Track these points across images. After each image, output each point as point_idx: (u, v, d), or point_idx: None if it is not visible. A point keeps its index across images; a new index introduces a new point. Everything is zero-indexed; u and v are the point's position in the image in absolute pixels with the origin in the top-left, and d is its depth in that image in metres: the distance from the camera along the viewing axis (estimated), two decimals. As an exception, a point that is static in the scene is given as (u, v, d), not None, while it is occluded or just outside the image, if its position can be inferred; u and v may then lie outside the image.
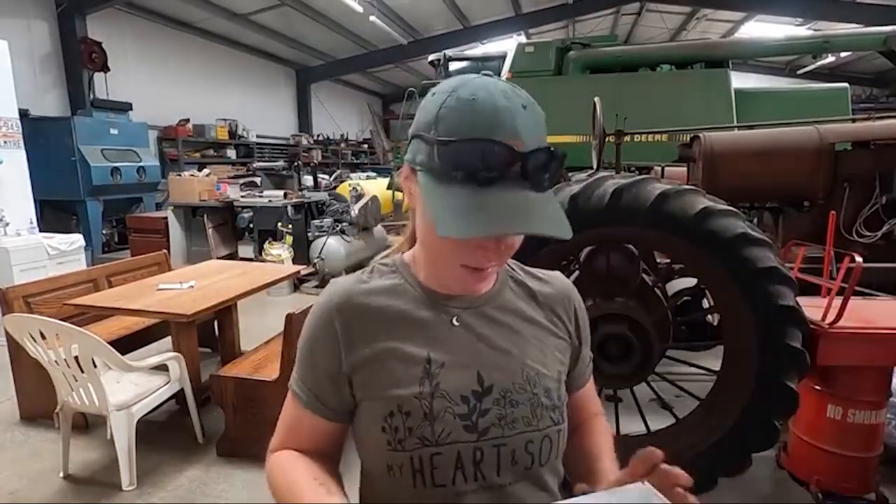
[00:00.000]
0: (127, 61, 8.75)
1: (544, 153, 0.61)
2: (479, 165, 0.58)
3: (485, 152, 0.58)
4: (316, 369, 0.72)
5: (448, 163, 0.59)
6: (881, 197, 2.75)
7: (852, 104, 5.96)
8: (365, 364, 0.70)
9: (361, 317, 0.71)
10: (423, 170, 0.63)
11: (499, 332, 0.73)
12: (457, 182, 0.59)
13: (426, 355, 0.69)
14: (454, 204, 0.58)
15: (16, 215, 4.65)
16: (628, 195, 1.90)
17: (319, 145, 14.31)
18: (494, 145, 0.58)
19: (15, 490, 2.38)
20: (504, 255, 0.65)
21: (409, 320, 0.71)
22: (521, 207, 0.58)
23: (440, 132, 0.60)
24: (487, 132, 0.58)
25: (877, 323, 1.94)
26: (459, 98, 0.60)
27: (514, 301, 0.77)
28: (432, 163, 0.61)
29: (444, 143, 0.59)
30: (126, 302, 2.70)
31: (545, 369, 0.74)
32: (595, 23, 12.99)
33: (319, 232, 6.03)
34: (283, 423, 0.76)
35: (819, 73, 13.83)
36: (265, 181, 7.84)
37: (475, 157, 0.58)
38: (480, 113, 0.59)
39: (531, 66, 6.09)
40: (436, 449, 0.66)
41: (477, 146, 0.58)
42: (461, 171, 0.58)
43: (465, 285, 0.68)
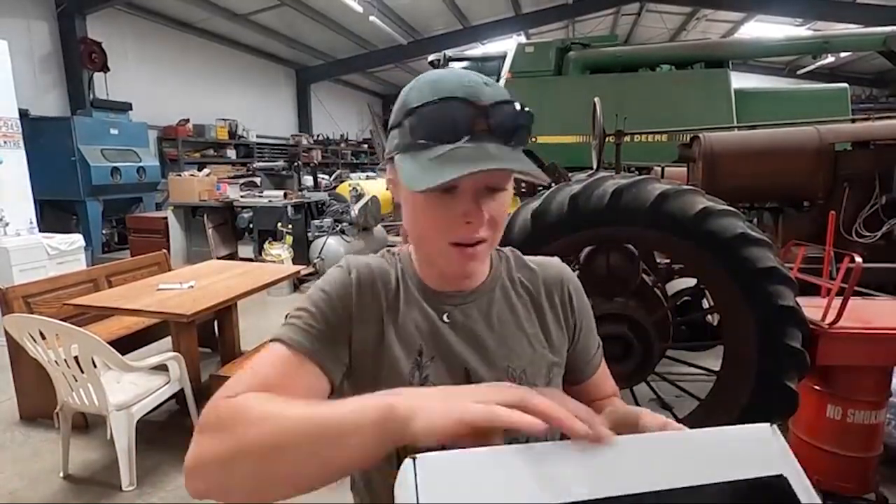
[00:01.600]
0: (127, 61, 8.74)
1: (509, 105, 0.62)
2: (445, 125, 0.60)
3: (447, 109, 0.60)
4: (328, 319, 0.69)
5: (417, 131, 0.61)
6: (881, 197, 2.76)
7: (852, 104, 5.96)
8: (367, 334, 0.71)
9: (371, 293, 0.72)
10: (398, 151, 0.64)
11: (487, 331, 0.74)
12: (428, 147, 0.60)
13: (419, 346, 0.71)
14: (426, 163, 0.60)
15: (16, 215, 4.65)
16: (628, 195, 1.90)
17: (319, 145, 14.31)
18: (456, 101, 0.60)
19: (15, 490, 2.38)
20: (491, 227, 0.65)
21: (408, 309, 0.73)
22: (491, 153, 0.59)
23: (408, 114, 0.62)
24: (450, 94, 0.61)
25: (876, 323, 1.94)
26: (424, 80, 0.65)
27: (505, 298, 0.78)
28: (405, 139, 0.63)
29: (410, 111, 0.62)
30: (126, 302, 2.70)
31: (532, 367, 0.75)
32: (595, 23, 13.00)
33: (319, 232, 6.03)
34: (260, 375, 0.63)
35: (819, 73, 13.83)
36: (265, 181, 7.83)
37: (440, 117, 0.60)
38: (444, 83, 0.62)
39: (531, 66, 6.09)
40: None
41: (440, 105, 0.60)
42: (429, 134, 0.60)
43: (458, 265, 0.67)
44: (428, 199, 0.63)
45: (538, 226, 1.99)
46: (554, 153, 5.77)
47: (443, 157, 0.59)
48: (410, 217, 0.68)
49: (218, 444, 0.52)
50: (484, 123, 0.60)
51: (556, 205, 1.98)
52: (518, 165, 0.60)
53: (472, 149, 0.59)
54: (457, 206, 0.63)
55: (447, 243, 0.65)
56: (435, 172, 0.58)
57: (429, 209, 0.64)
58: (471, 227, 0.63)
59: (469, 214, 0.62)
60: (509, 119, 0.62)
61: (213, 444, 0.53)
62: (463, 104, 0.60)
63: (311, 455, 0.49)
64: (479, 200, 0.63)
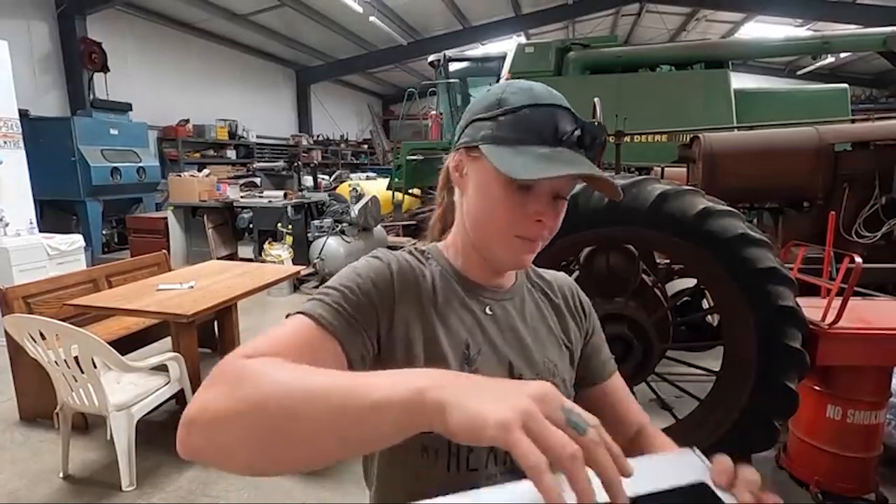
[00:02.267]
0: (127, 61, 8.74)
1: (598, 127, 0.71)
2: (549, 127, 0.65)
3: (554, 116, 0.66)
4: (360, 304, 0.66)
5: (518, 127, 0.65)
6: (881, 197, 2.76)
7: (852, 105, 5.97)
8: (409, 330, 0.69)
9: (414, 287, 0.72)
10: (487, 142, 0.67)
11: (524, 327, 0.78)
12: (526, 143, 0.65)
13: (465, 339, 0.72)
14: (528, 156, 0.63)
15: (16, 215, 4.65)
16: (628, 195, 1.90)
17: (319, 145, 14.31)
18: (562, 110, 0.67)
19: (15, 490, 2.38)
20: (551, 230, 0.70)
21: (448, 303, 0.74)
22: (584, 162, 0.65)
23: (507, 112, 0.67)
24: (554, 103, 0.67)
25: (876, 323, 1.95)
26: (518, 86, 0.69)
27: (532, 299, 0.82)
28: (500, 132, 0.66)
29: (514, 110, 0.66)
30: (126, 302, 2.70)
31: (561, 363, 0.79)
32: (595, 23, 13.00)
33: (319, 232, 6.02)
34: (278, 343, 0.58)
35: (819, 73, 13.83)
36: (265, 181, 7.84)
37: (545, 120, 0.65)
38: (541, 93, 0.68)
39: (531, 66, 6.10)
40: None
41: (548, 110, 0.66)
42: (532, 132, 0.65)
43: (518, 255, 0.70)
44: (507, 192, 0.66)
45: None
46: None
47: (546, 155, 0.63)
48: (481, 205, 0.70)
49: (227, 399, 0.47)
50: (577, 136, 0.66)
51: (556, 205, 1.98)
52: (607, 176, 0.67)
53: (571, 154, 0.65)
54: (531, 205, 0.67)
55: (512, 235, 0.68)
56: (541, 167, 0.62)
57: (506, 201, 0.67)
58: (540, 226, 0.68)
59: (542, 214, 0.67)
60: (598, 137, 0.69)
61: (221, 398, 0.48)
62: (568, 115, 0.67)
63: (329, 427, 0.44)
64: (555, 205, 0.68)
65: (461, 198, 0.75)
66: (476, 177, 0.70)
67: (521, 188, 0.66)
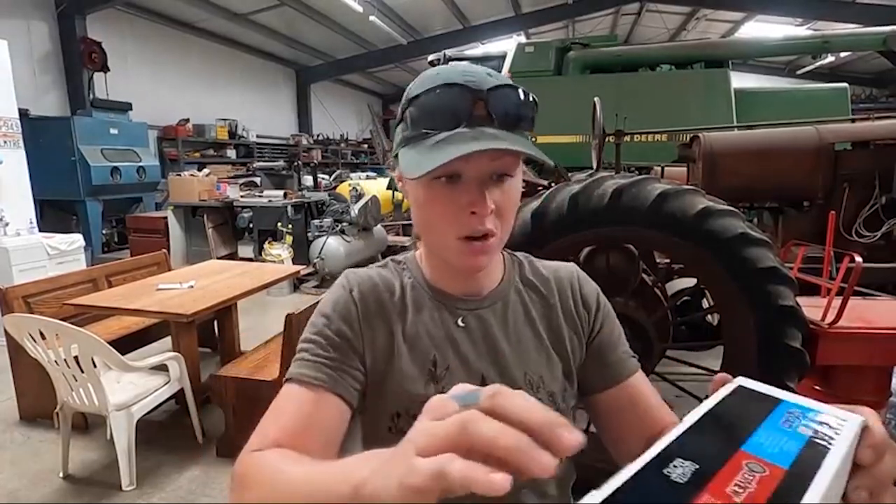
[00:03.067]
0: (127, 61, 8.74)
1: (510, 90, 0.60)
2: (444, 112, 0.59)
3: (446, 96, 0.59)
4: (335, 344, 0.67)
5: (418, 121, 0.60)
6: (881, 197, 2.76)
7: (852, 104, 5.96)
8: (377, 349, 0.69)
9: (377, 305, 0.70)
10: (402, 146, 0.63)
11: (502, 336, 0.72)
12: (428, 136, 0.59)
13: (432, 356, 0.69)
14: (424, 150, 0.59)
15: (15, 215, 4.64)
16: (628, 195, 1.90)
17: (319, 145, 14.30)
18: (455, 87, 0.59)
19: (15, 490, 2.38)
20: (498, 218, 0.63)
21: (417, 317, 0.70)
22: (489, 135, 0.58)
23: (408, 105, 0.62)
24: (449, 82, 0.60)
25: (876, 323, 1.94)
26: (426, 73, 0.64)
27: (521, 303, 0.75)
28: (408, 130, 0.62)
29: (410, 102, 0.61)
30: (126, 302, 2.69)
31: (549, 374, 0.72)
32: (595, 23, 12.99)
33: (319, 232, 6.02)
34: (280, 421, 0.61)
35: (819, 73, 13.82)
36: (265, 181, 7.84)
37: (439, 105, 0.59)
38: (445, 73, 0.61)
39: (531, 65, 6.09)
40: None
41: (440, 93, 0.59)
42: (429, 122, 0.59)
43: (468, 260, 0.64)
44: (432, 190, 0.61)
45: (538, 226, 1.99)
46: (554, 153, 5.75)
47: (441, 142, 0.57)
48: (417, 212, 0.66)
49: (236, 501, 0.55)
50: (484, 109, 0.59)
51: (555, 205, 1.98)
52: (520, 147, 0.58)
53: (472, 132, 0.58)
54: (461, 196, 0.60)
55: (455, 238, 0.63)
56: (433, 158, 0.56)
57: (433, 201, 0.62)
58: (476, 218, 0.60)
59: (474, 204, 0.60)
60: (511, 105, 0.60)
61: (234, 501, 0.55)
62: (461, 90, 0.59)
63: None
64: (484, 189, 0.60)
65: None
66: (408, 185, 0.66)
67: (448, 182, 0.60)
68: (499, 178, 0.61)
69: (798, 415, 0.38)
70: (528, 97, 0.62)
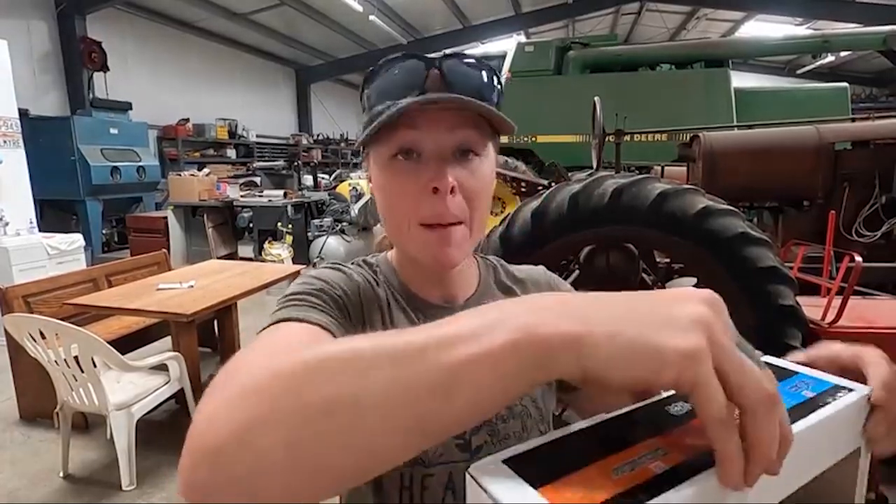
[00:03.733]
0: (126, 61, 8.74)
1: (466, 57, 0.57)
2: (396, 85, 0.55)
3: (397, 68, 0.56)
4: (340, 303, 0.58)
5: (380, 98, 0.56)
6: (881, 196, 2.76)
7: (852, 104, 5.97)
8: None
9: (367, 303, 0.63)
10: (364, 133, 0.58)
11: None
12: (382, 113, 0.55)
13: None
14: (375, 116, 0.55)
15: (15, 215, 4.64)
16: (628, 195, 1.90)
17: (319, 145, 14.30)
18: (405, 58, 0.56)
19: (15, 490, 2.38)
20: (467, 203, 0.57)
21: (400, 320, 0.64)
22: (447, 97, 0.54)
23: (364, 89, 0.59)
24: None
25: (876, 322, 1.94)
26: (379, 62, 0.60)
27: None
28: (366, 113, 0.58)
29: (367, 83, 0.58)
30: (126, 302, 2.69)
31: None
32: (595, 22, 12.99)
33: (319, 231, 6.03)
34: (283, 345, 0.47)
35: (819, 72, 13.82)
36: (265, 181, 7.84)
37: (391, 79, 0.56)
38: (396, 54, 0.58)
39: (531, 65, 6.10)
40: (427, 470, 0.59)
41: (389, 67, 0.56)
42: (385, 96, 0.55)
43: (433, 250, 0.57)
44: (390, 170, 0.57)
45: (538, 225, 1.99)
46: (554, 152, 5.77)
47: (391, 107, 0.53)
48: (378, 199, 0.61)
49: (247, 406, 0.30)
50: (439, 80, 0.55)
51: (556, 204, 1.98)
52: (474, 105, 0.53)
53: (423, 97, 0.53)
54: (422, 175, 0.55)
55: (416, 224, 0.57)
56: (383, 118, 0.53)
57: (391, 181, 0.57)
58: (438, 199, 0.54)
59: (433, 179, 0.54)
60: (470, 74, 0.56)
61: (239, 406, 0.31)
62: (412, 60, 0.55)
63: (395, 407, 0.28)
64: (446, 166, 0.55)
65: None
66: (372, 176, 0.62)
67: (406, 160, 0.55)
68: (462, 155, 0.56)
69: (809, 383, 0.39)
70: (491, 77, 0.57)
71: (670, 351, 0.26)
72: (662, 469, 0.28)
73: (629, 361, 0.27)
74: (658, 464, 0.28)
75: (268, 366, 0.32)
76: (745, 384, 0.27)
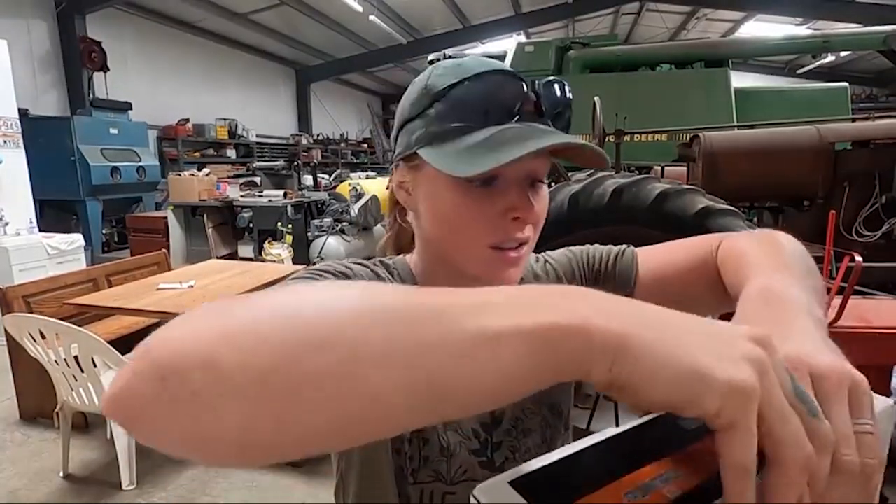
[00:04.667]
0: (126, 61, 8.74)
1: (559, 85, 0.54)
2: (489, 103, 0.51)
3: (493, 85, 0.51)
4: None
5: (454, 112, 0.52)
6: (881, 196, 2.76)
7: (852, 104, 5.97)
8: None
9: None
10: (423, 144, 0.54)
11: None
12: (470, 130, 0.51)
13: None
14: (470, 148, 0.50)
15: (15, 215, 4.65)
16: (628, 194, 1.90)
17: (319, 145, 14.30)
18: (501, 75, 0.51)
19: (15, 490, 2.38)
20: (535, 225, 0.56)
21: None
22: (548, 132, 0.51)
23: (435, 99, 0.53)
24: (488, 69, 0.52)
25: (877, 322, 1.94)
26: (445, 65, 0.55)
27: None
28: (434, 126, 0.53)
29: (442, 94, 0.52)
30: (126, 301, 2.70)
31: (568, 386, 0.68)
32: (595, 22, 12.99)
33: (319, 231, 6.03)
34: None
35: (819, 72, 13.82)
36: (265, 181, 7.83)
37: (483, 96, 0.51)
38: (472, 65, 0.53)
39: (531, 65, 6.09)
40: (449, 488, 0.58)
41: (485, 80, 0.51)
42: (469, 116, 0.51)
43: (499, 272, 0.55)
44: (465, 195, 0.53)
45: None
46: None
47: (491, 139, 0.49)
48: (438, 221, 0.57)
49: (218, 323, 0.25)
50: (532, 104, 0.52)
51: (556, 204, 1.98)
52: (582, 142, 0.52)
53: (524, 129, 0.50)
54: (500, 201, 0.52)
55: (486, 246, 0.54)
56: (492, 153, 0.48)
57: (466, 206, 0.53)
58: (518, 224, 0.53)
59: (517, 208, 0.52)
60: (561, 100, 0.54)
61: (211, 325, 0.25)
62: (510, 79, 0.51)
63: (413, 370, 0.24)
64: (527, 195, 0.54)
65: (416, 220, 0.61)
66: (424, 190, 0.57)
67: (483, 185, 0.52)
68: (532, 184, 0.55)
69: None
70: (570, 93, 0.56)
71: (720, 380, 0.24)
72: (675, 495, 0.26)
73: (672, 380, 0.25)
74: (671, 488, 0.26)
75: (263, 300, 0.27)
76: (784, 439, 0.25)
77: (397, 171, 0.61)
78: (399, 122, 0.58)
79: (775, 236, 0.54)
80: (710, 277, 0.58)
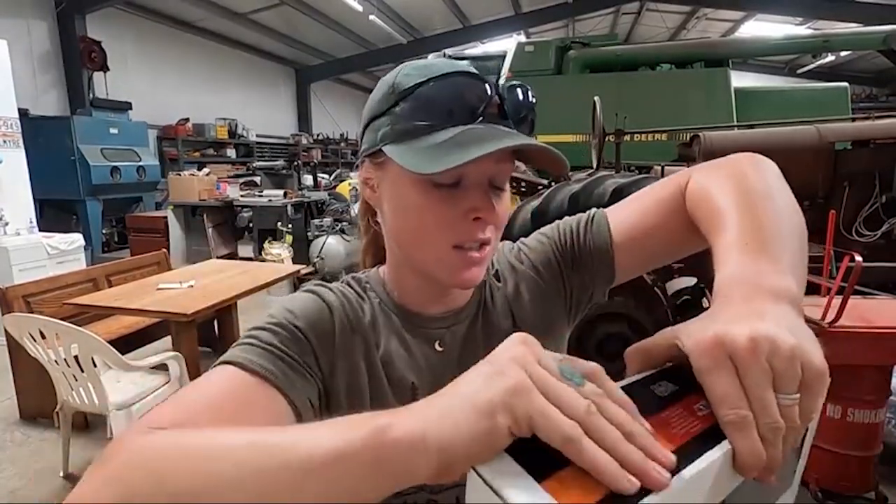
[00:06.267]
0: (126, 61, 8.74)
1: (523, 89, 0.56)
2: (454, 103, 0.52)
3: (458, 86, 0.52)
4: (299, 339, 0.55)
5: (419, 112, 0.53)
6: (881, 196, 2.76)
7: (852, 103, 5.97)
8: (354, 373, 0.58)
9: (351, 329, 0.60)
10: (388, 142, 0.54)
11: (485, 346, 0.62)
12: (434, 129, 0.52)
13: (410, 382, 0.60)
14: (435, 147, 0.51)
15: (15, 215, 4.65)
16: (628, 194, 1.90)
17: (319, 145, 14.30)
18: (467, 77, 0.53)
19: (15, 489, 2.38)
20: (497, 227, 0.57)
21: (390, 344, 0.61)
22: (509, 134, 0.52)
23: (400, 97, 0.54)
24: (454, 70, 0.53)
25: (876, 322, 1.94)
26: (412, 65, 0.56)
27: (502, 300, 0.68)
28: (400, 124, 0.54)
29: (408, 92, 0.53)
30: (126, 301, 2.70)
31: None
32: (595, 22, 12.99)
33: (319, 231, 6.02)
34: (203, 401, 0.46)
35: (819, 72, 13.83)
36: (265, 180, 7.84)
37: (448, 95, 0.52)
38: (440, 65, 0.54)
39: (531, 65, 6.09)
40: (433, 496, 0.58)
41: (449, 81, 0.52)
42: (434, 115, 0.52)
43: (461, 273, 0.56)
44: (428, 195, 0.54)
45: (538, 224, 1.98)
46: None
47: (454, 139, 0.50)
48: (401, 219, 0.58)
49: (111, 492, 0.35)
50: (495, 106, 0.53)
51: (556, 203, 1.98)
52: (542, 145, 0.52)
53: (488, 129, 0.51)
54: (462, 202, 0.53)
55: (449, 246, 0.55)
56: (454, 153, 0.49)
57: (429, 206, 0.54)
58: (479, 224, 0.54)
59: (479, 209, 0.53)
60: (524, 103, 0.56)
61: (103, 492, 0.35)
62: (475, 81, 0.53)
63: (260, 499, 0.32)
64: (489, 197, 0.55)
65: (381, 218, 0.62)
66: (389, 188, 0.57)
67: (447, 185, 0.53)
68: (494, 188, 0.56)
69: None
70: (533, 97, 0.58)
71: (496, 395, 0.29)
72: None
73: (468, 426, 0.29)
74: None
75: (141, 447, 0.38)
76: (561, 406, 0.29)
77: (363, 167, 0.62)
78: (366, 119, 0.59)
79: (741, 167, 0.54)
80: (687, 221, 0.58)
